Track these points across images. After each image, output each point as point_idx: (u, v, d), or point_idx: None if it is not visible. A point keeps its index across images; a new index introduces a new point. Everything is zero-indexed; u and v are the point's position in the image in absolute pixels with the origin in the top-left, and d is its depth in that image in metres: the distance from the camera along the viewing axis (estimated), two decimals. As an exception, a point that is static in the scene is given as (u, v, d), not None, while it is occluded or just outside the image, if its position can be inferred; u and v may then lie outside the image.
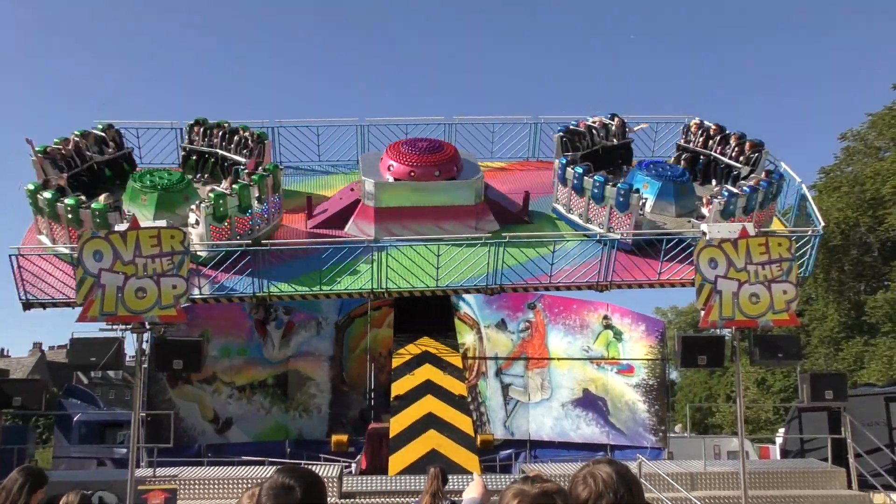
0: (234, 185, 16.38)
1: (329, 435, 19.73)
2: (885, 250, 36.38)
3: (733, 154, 18.25)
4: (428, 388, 15.66)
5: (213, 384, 20.80)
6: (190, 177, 18.18)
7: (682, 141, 19.46)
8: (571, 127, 19.10)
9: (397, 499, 12.42)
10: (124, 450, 17.58)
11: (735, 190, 16.76)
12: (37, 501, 5.36)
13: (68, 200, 15.53)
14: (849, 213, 35.36)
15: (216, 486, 12.86)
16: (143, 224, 11.94)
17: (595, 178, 16.70)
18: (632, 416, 21.30)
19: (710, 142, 18.72)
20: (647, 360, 21.76)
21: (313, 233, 17.39)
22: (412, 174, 17.18)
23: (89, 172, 17.70)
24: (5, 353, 66.66)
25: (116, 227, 11.81)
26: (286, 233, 17.36)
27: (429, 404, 15.19)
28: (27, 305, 15.51)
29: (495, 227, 17.30)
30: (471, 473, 13.59)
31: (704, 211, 16.65)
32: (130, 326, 11.44)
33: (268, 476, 2.66)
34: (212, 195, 16.00)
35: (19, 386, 14.32)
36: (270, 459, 17.34)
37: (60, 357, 59.85)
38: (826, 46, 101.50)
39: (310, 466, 12.63)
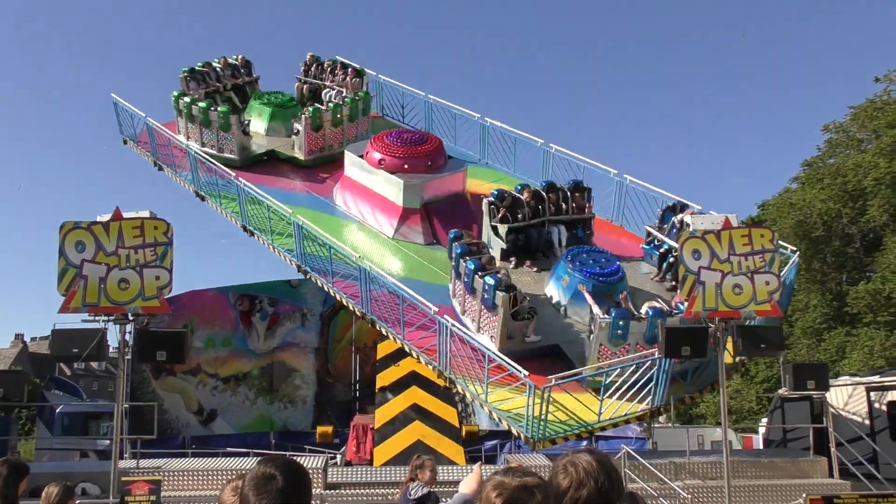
0: (329, 104, 20.06)
1: (314, 426, 19.77)
2: (867, 242, 36.66)
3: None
4: (413, 379, 15.69)
5: (198, 375, 20.74)
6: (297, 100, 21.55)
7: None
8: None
9: (382, 489, 12.42)
10: (107, 441, 17.50)
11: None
12: (20, 492, 5.34)
13: (201, 104, 19.45)
14: (831, 205, 35.58)
15: (200, 477, 12.81)
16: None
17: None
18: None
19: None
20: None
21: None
22: (406, 167, 16.97)
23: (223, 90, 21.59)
24: (-13, 345, 66.13)
25: (99, 218, 11.70)
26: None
27: (414, 395, 15.22)
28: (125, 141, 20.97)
29: (420, 240, 16.51)
30: (455, 463, 13.65)
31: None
32: (113, 317, 11.36)
33: (251, 467, 2.64)
34: (310, 109, 19.60)
35: (1, 377, 14.22)
36: (255, 451, 17.32)
37: (43, 348, 59.46)
38: (809, 38, 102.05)
39: (294, 457, 12.63)
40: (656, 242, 15.55)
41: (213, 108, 19.33)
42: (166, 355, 11.46)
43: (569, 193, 16.07)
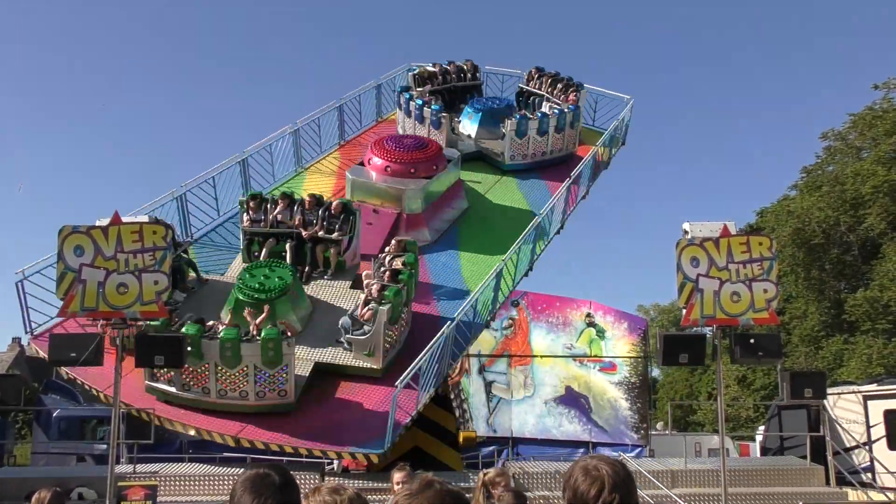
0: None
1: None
2: (865, 250, 36.70)
3: (557, 93, 21.54)
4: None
5: (195, 380, 20.65)
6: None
7: (524, 83, 22.62)
8: (423, 67, 21.82)
9: (380, 496, 12.40)
10: (104, 446, 17.45)
11: (528, 115, 20.17)
12: None
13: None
14: (829, 213, 35.63)
15: (197, 483, 12.80)
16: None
17: (432, 107, 19.60)
18: (614, 413, 21.42)
19: (544, 85, 22.10)
20: (630, 357, 21.89)
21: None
22: (413, 171, 16.97)
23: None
24: (-16, 348, 66.01)
25: (98, 223, 11.71)
26: None
27: (411, 401, 15.18)
28: None
29: (427, 240, 16.66)
30: (452, 470, 13.65)
31: (505, 132, 19.65)
32: (111, 322, 11.35)
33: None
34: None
35: (-2, 381, 14.20)
36: (252, 456, 17.27)
37: (40, 352, 59.34)
38: (808, 45, 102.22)
39: (292, 463, 12.59)
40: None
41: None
42: (164, 360, 11.46)
43: (465, 67, 22.63)
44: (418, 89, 20.80)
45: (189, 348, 11.76)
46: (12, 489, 12.48)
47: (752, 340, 11.76)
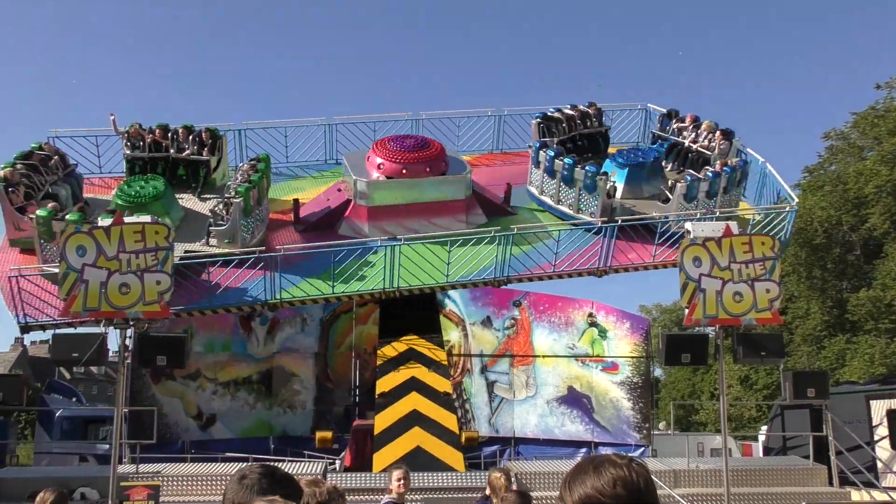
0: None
1: (313, 432, 19.69)
2: (868, 249, 36.67)
3: (705, 142, 18.91)
4: (413, 385, 15.65)
5: (197, 380, 20.70)
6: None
7: (658, 129, 20.03)
8: (549, 114, 19.59)
9: (381, 496, 12.39)
10: (107, 446, 17.46)
11: (699, 175, 17.42)
12: None
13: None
14: (831, 213, 35.61)
15: (199, 482, 12.79)
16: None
17: (565, 160, 17.14)
18: (616, 413, 21.38)
19: (684, 131, 19.37)
20: (632, 357, 21.84)
21: (305, 236, 17.11)
22: (404, 172, 17.05)
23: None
24: (-14, 348, 66.11)
25: (100, 222, 11.72)
26: (280, 237, 16.73)
27: (413, 401, 15.19)
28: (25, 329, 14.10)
29: (483, 220, 17.33)
30: (454, 470, 13.64)
31: (669, 195, 17.18)
32: (114, 322, 11.37)
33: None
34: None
35: (0, 381, 14.18)
36: (254, 456, 17.28)
37: (43, 352, 59.43)
38: (810, 46, 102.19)
39: (294, 463, 12.59)
40: (659, 143, 19.54)
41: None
42: (167, 360, 11.49)
43: (591, 112, 19.90)
44: (546, 139, 18.50)
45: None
46: (15, 489, 12.49)
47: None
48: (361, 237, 16.56)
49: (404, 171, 17.03)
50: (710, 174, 17.20)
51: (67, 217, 13.78)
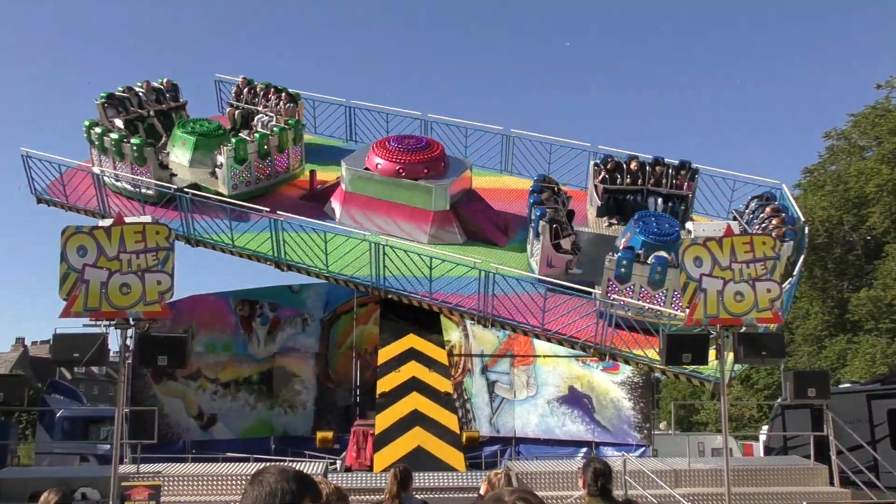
0: (255, 134, 18.35)
1: (314, 432, 19.72)
2: (868, 249, 36.66)
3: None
4: (414, 385, 15.65)
5: (198, 380, 20.72)
6: (228, 128, 19.83)
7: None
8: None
9: (382, 496, 12.39)
10: (108, 446, 17.48)
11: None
12: None
13: (113, 135, 17.74)
14: (832, 212, 35.60)
15: (200, 482, 12.79)
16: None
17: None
18: (617, 413, 21.36)
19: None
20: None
21: (300, 203, 17.87)
22: (401, 172, 17.01)
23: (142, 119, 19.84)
24: (-13, 349, 66.12)
25: (101, 223, 11.72)
26: (282, 195, 18.19)
27: (414, 401, 15.19)
28: (39, 200, 18.54)
29: (457, 240, 16.75)
30: (455, 470, 13.64)
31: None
32: (114, 322, 11.36)
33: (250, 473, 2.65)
34: (234, 140, 17.91)
35: (1, 381, 14.19)
36: (255, 456, 17.30)
37: (43, 352, 59.45)
38: (810, 46, 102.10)
39: (295, 463, 12.60)
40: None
41: (125, 140, 17.50)
42: (168, 360, 11.49)
43: (671, 171, 17.32)
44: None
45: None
46: (16, 489, 12.50)
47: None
48: (332, 218, 17.19)
49: (401, 172, 16.98)
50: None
51: (132, 140, 17.64)
